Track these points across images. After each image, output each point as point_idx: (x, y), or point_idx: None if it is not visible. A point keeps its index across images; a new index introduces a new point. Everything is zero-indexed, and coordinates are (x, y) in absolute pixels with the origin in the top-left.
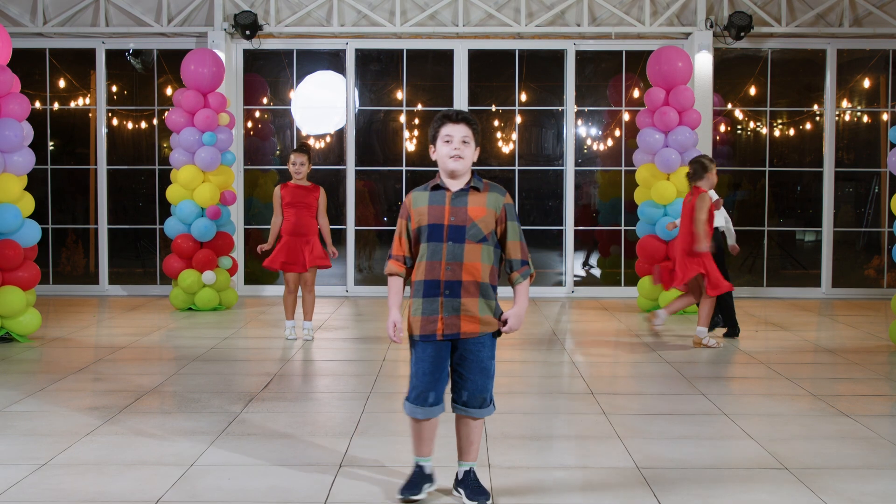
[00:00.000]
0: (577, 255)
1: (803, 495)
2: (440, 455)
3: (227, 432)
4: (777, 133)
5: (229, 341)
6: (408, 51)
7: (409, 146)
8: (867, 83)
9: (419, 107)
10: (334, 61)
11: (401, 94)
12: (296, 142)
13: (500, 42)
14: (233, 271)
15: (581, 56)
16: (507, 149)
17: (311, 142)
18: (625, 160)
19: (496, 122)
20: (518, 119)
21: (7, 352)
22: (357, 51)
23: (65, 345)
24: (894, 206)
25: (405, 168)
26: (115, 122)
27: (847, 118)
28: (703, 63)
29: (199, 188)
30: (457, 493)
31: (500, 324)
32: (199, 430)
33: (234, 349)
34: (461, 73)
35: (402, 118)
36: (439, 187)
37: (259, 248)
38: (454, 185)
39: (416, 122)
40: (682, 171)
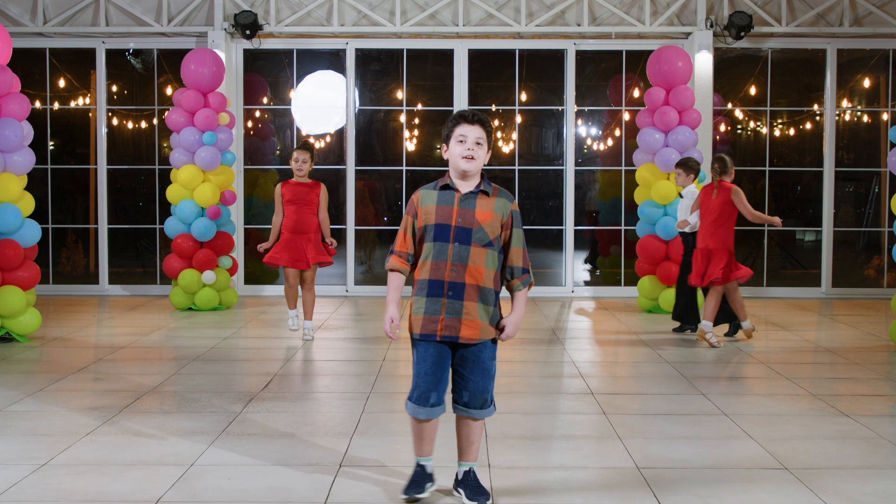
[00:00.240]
0: (577, 255)
1: (803, 495)
2: (440, 455)
3: (227, 432)
4: (777, 133)
5: (229, 341)
6: (408, 50)
7: (409, 146)
8: (867, 83)
9: (419, 107)
10: (334, 61)
11: (401, 94)
12: (296, 142)
13: (500, 42)
14: (233, 271)
15: (581, 56)
16: (507, 149)
17: (312, 141)
18: (625, 160)
19: (496, 122)
20: (518, 119)
21: (7, 352)
22: (357, 50)
23: (65, 345)
24: (894, 206)
25: (405, 168)
26: (115, 121)
27: (847, 118)
28: (703, 63)
29: (199, 188)
30: (457, 493)
31: (496, 332)
32: (199, 430)
33: (234, 349)
34: (461, 73)
35: (403, 118)
36: (448, 187)
37: (259, 246)
38: (464, 187)
39: (416, 121)
40: None
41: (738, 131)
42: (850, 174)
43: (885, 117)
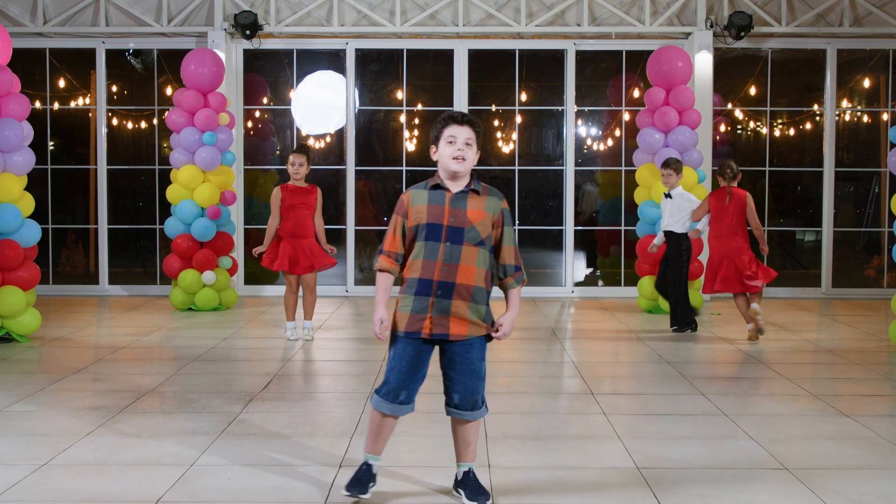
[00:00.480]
0: (577, 255)
1: (803, 495)
2: (440, 455)
3: (226, 432)
4: (777, 133)
5: (229, 341)
6: (408, 51)
7: (409, 146)
8: (867, 83)
9: (419, 107)
10: (334, 61)
11: (401, 94)
12: (296, 142)
13: (500, 42)
14: (233, 271)
15: (581, 56)
16: (507, 149)
17: (311, 142)
18: (625, 160)
19: (496, 122)
20: (518, 119)
21: (7, 352)
22: (357, 51)
23: (65, 345)
24: (894, 206)
25: (405, 168)
26: (115, 121)
27: (847, 118)
28: (703, 63)
29: (199, 188)
30: (457, 493)
31: (490, 329)
32: (198, 431)
33: (234, 349)
34: (461, 73)
35: (402, 118)
36: (439, 187)
37: (254, 250)
38: (454, 187)
39: (416, 121)
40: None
41: (738, 131)
42: (850, 174)
43: (885, 117)
